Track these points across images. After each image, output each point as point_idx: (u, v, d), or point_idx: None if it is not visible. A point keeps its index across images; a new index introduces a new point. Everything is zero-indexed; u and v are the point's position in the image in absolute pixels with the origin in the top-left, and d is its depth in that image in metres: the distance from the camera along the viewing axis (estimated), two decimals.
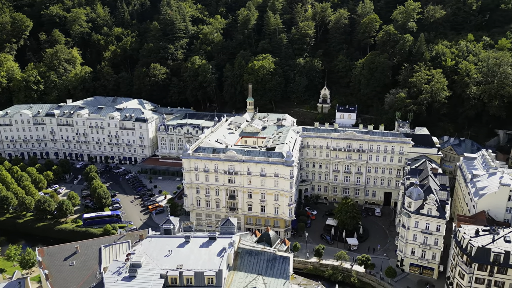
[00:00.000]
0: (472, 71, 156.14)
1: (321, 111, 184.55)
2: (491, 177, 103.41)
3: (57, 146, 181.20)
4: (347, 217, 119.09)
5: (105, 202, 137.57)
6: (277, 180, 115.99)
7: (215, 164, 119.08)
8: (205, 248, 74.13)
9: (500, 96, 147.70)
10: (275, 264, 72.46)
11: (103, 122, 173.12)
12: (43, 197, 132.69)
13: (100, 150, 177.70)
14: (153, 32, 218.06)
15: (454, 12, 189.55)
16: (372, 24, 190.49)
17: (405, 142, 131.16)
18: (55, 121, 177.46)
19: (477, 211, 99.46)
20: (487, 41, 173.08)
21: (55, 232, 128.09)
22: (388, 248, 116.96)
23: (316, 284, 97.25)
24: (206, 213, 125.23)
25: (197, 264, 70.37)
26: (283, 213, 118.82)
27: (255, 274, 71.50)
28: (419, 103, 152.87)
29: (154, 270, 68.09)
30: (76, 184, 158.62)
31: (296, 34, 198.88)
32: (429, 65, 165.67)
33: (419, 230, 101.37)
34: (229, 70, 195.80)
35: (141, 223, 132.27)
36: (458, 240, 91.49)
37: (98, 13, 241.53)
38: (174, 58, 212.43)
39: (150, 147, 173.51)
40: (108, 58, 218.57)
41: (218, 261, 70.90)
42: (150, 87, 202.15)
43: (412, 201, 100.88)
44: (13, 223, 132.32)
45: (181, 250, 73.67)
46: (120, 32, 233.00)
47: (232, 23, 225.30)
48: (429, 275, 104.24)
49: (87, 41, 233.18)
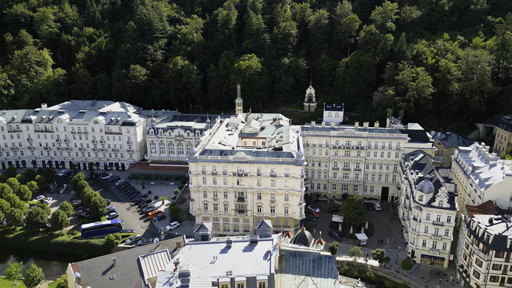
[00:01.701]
0: (452, 68, 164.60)
1: (308, 110, 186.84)
2: (492, 168, 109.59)
3: (35, 154, 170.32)
4: (355, 213, 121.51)
5: (102, 211, 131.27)
6: (288, 180, 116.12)
7: (224, 166, 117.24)
8: (248, 253, 72.83)
9: (480, 92, 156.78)
10: (321, 264, 72.63)
11: (86, 127, 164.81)
12: (34, 209, 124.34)
13: (84, 156, 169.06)
14: (129, 32, 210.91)
15: (428, 13, 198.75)
16: (352, 24, 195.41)
17: (401, 138, 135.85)
18: (32, 128, 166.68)
19: (483, 201, 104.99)
20: (461, 40, 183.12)
21: (51, 246, 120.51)
22: (395, 241, 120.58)
23: (356, 281, 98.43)
24: (213, 217, 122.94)
25: (245, 269, 69.02)
26: (293, 213, 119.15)
27: (302, 276, 71.36)
28: (407, 100, 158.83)
29: (204, 278, 66.04)
30: (63, 194, 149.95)
31: (279, 34, 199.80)
32: (412, 63, 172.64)
33: (431, 222, 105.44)
34: (213, 70, 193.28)
35: (143, 230, 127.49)
36: (472, 229, 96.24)
37: (67, 12, 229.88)
38: (153, 59, 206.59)
39: (138, 152, 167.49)
40: (81, 59, 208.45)
41: (266, 264, 69.92)
42: (131, 89, 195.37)
43: (423, 195, 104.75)
44: (2, 238, 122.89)
45: (225, 256, 71.93)
46: (92, 32, 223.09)
47: (211, 23, 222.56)
48: (439, 265, 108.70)
49: (57, 42, 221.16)
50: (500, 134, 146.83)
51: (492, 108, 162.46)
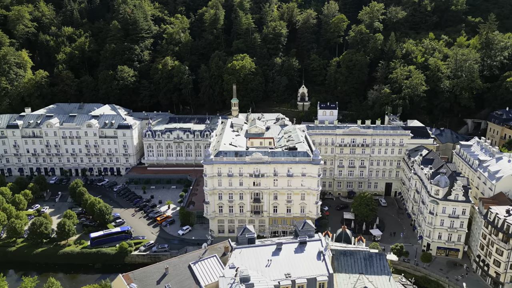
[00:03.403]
0: (442, 66, 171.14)
1: (302, 109, 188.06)
2: (500, 161, 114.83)
3: (22, 161, 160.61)
4: (367, 210, 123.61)
5: (108, 219, 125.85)
6: (304, 179, 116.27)
7: (240, 168, 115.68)
8: (300, 254, 72.61)
9: (470, 89, 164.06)
10: (373, 262, 73.31)
11: (79, 132, 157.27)
12: (37, 219, 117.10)
13: (76, 162, 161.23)
14: (113, 32, 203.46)
15: (412, 13, 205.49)
16: (340, 24, 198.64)
17: (404, 134, 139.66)
18: (19, 133, 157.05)
19: (495, 193, 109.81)
20: (446, 39, 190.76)
21: (60, 257, 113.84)
22: (406, 235, 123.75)
23: (400, 277, 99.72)
24: (229, 219, 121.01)
25: (302, 271, 68.79)
26: (310, 212, 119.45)
27: (356, 274, 71.73)
28: (403, 97, 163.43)
29: (265, 282, 65.09)
30: (59, 202, 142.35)
31: (270, 33, 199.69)
32: (402, 62, 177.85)
33: (447, 215, 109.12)
34: (205, 71, 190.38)
35: (153, 236, 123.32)
36: (490, 220, 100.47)
37: (43, 11, 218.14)
38: (140, 60, 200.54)
39: (134, 156, 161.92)
40: (62, 60, 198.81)
41: (322, 265, 69.98)
42: (119, 91, 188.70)
43: (440, 189, 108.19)
44: (4, 252, 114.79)
45: (278, 258, 71.32)
46: (72, 32, 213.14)
47: (196, 22, 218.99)
48: (454, 256, 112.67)
49: (34, 42, 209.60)
50: (492, 128, 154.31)
51: (479, 104, 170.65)
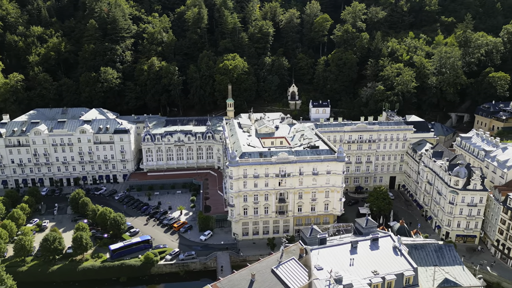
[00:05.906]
0: (426, 64, 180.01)
1: (294, 108, 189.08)
2: (506, 151, 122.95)
3: (6, 172, 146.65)
4: (384, 203, 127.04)
5: (123, 229, 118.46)
6: (329, 177, 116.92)
7: (266, 168, 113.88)
8: (376, 251, 72.76)
9: (455, 84, 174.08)
10: (444, 254, 75.32)
11: (71, 138, 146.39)
12: (50, 234, 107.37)
13: (68, 171, 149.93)
14: (90, 32, 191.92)
15: (390, 13, 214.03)
16: (324, 23, 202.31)
17: (408, 129, 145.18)
18: (2, 142, 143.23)
19: (506, 180, 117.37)
20: (424, 37, 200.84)
21: (80, 274, 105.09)
22: (422, 226, 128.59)
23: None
24: (253, 221, 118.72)
25: (387, 267, 69.02)
26: (334, 209, 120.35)
27: (431, 267, 73.34)
28: (396, 94, 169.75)
29: (358, 281, 64.58)
30: (59, 215, 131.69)
31: (257, 33, 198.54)
32: (390, 60, 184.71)
33: (465, 204, 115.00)
34: (194, 71, 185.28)
35: (174, 244, 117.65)
36: (510, 206, 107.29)
37: (7, 9, 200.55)
38: (122, 61, 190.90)
39: (132, 161, 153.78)
40: (35, 62, 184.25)
41: (402, 260, 70.72)
42: (103, 94, 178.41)
43: (459, 179, 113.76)
44: (14, 273, 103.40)
45: (357, 256, 70.95)
46: (42, 31, 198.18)
47: (176, 21, 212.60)
48: (471, 242, 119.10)
49: (1, 43, 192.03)
50: (480, 121, 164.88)
51: (461, 98, 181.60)
